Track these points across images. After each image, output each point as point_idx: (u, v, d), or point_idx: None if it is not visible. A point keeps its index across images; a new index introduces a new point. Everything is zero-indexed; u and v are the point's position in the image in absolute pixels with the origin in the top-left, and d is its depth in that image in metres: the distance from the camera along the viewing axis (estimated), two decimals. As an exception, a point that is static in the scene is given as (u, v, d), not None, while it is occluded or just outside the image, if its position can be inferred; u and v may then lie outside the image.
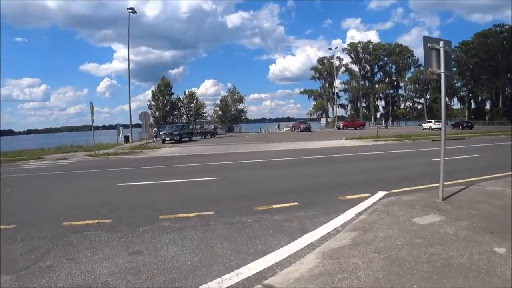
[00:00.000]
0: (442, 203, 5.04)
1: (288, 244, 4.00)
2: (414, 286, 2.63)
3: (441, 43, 4.99)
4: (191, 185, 8.57)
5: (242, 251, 3.90)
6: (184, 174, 10.54)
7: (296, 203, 5.90)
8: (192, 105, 53.94)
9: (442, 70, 4.95)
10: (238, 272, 3.32)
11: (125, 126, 36.15)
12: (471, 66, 64.49)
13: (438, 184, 5.36)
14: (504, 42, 60.31)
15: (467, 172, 8.44)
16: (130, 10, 33.80)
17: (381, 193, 6.37)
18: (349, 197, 6.26)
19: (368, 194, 6.34)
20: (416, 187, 6.85)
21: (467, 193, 5.69)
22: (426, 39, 5.02)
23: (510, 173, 7.91)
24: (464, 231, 3.77)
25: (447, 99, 69.52)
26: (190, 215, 5.48)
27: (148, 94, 50.65)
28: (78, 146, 26.05)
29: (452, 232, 3.74)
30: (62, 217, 5.55)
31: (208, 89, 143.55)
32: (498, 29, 61.65)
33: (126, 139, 32.21)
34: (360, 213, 4.93)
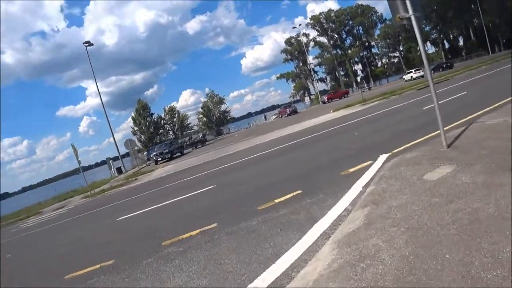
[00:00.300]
0: (448, 151, 4.72)
1: (300, 239, 3.66)
2: (447, 255, 2.29)
3: (403, -15, 4.62)
4: (190, 200, 8.20)
5: (252, 260, 3.56)
6: (181, 190, 10.13)
7: (299, 191, 5.55)
8: (175, 119, 53.31)
9: (410, 12, 4.59)
10: (251, 287, 2.97)
11: (116, 158, 35.50)
12: (435, 7, 64.41)
13: (438, 132, 5.05)
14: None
15: (462, 112, 8.16)
16: (86, 44, 32.90)
17: (383, 157, 6.05)
18: (351, 170, 5.93)
19: (371, 162, 6.02)
20: (417, 141, 6.54)
21: (470, 133, 5.38)
22: (386, -16, 4.65)
23: (505, 101, 7.64)
24: (481, 176, 3.44)
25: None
26: (193, 233, 5.19)
27: (130, 121, 49.74)
28: (73, 191, 25.59)
29: (469, 181, 3.41)
30: (65, 270, 5.29)
31: (187, 100, 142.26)
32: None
33: (119, 170, 31.60)
34: (367, 185, 4.59)
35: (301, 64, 72.76)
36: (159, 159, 28.18)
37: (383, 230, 2.96)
